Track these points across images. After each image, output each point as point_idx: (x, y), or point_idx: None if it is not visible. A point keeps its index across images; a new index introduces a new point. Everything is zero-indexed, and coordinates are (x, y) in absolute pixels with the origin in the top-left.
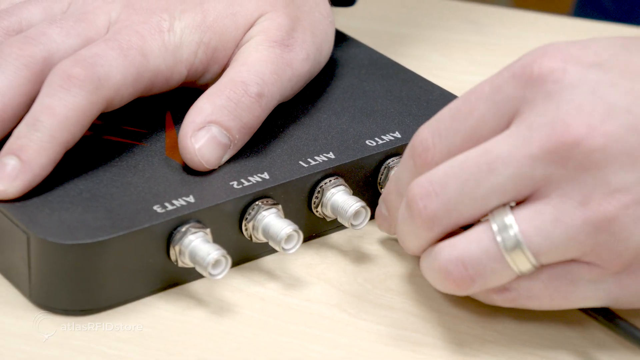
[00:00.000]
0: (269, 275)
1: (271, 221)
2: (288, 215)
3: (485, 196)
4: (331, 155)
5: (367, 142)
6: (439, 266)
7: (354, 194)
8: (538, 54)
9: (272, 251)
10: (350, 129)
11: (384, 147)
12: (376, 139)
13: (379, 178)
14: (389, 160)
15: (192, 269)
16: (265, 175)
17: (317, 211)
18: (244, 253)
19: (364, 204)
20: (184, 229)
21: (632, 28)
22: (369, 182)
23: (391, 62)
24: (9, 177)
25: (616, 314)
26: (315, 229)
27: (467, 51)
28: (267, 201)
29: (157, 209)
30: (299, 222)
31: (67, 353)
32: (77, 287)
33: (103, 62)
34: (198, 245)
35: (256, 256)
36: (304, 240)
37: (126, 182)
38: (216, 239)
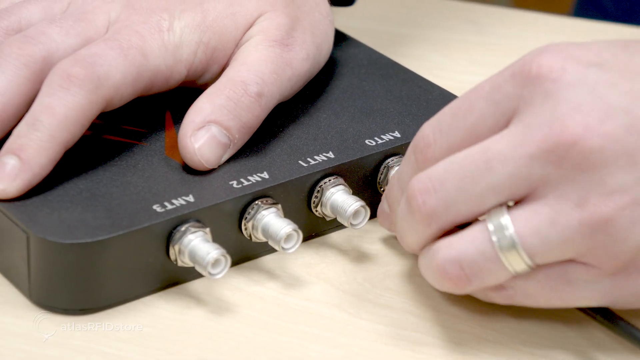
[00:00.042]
0: (268, 275)
1: (271, 220)
2: (287, 215)
3: (482, 194)
4: (331, 155)
5: (366, 141)
6: (436, 266)
7: (353, 193)
8: (537, 53)
9: (271, 250)
10: (350, 128)
11: (383, 146)
12: (376, 138)
13: (378, 178)
14: (389, 159)
15: (192, 268)
16: (265, 175)
17: (316, 211)
18: (243, 252)
19: (363, 203)
20: (183, 228)
21: (632, 28)
22: (369, 181)
23: (391, 62)
24: (9, 177)
25: (615, 313)
26: (314, 229)
27: (467, 51)
28: (266, 200)
29: (157, 208)
30: (298, 221)
31: (67, 353)
32: (77, 286)
33: (103, 62)
34: (197, 245)
35: (256, 255)
36: (304, 239)
37: (126, 182)
38: (216, 239)
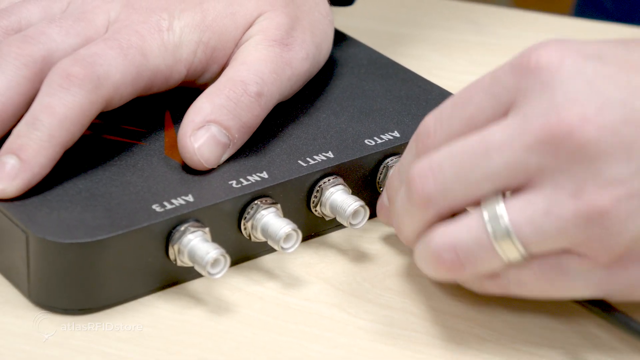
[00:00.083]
0: (268, 275)
1: (270, 220)
2: (287, 215)
3: (478, 181)
4: (330, 155)
5: (366, 141)
6: (431, 251)
7: (352, 193)
8: (537, 46)
9: (271, 250)
10: (349, 128)
11: (382, 146)
12: (375, 138)
13: (377, 177)
14: (388, 159)
15: (191, 268)
16: (264, 175)
17: (316, 210)
18: (242, 252)
19: (362, 203)
20: (182, 228)
21: (632, 28)
22: (368, 181)
23: (390, 62)
24: (9, 176)
25: (612, 305)
26: (314, 228)
27: (467, 51)
28: (266, 200)
29: (156, 208)
30: (297, 221)
31: (67, 353)
32: (76, 286)
33: (102, 62)
34: (197, 245)
35: (255, 255)
36: (303, 239)
37: (125, 181)
38: (215, 238)
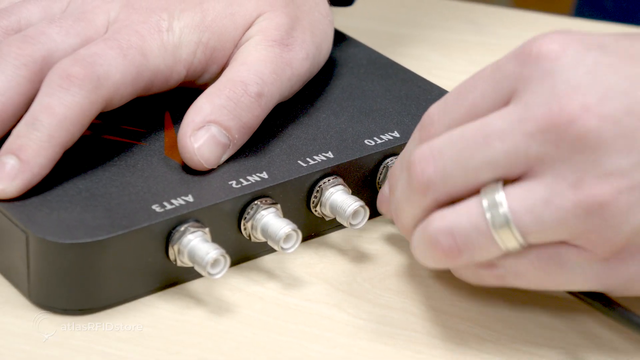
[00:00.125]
0: (268, 275)
1: (270, 220)
2: (287, 215)
3: (478, 168)
4: (330, 155)
5: (365, 141)
6: (429, 236)
7: (352, 193)
8: (541, 36)
9: (271, 250)
10: (349, 128)
11: (382, 146)
12: (375, 138)
13: (377, 177)
14: (388, 159)
15: (191, 268)
16: (264, 175)
17: (315, 210)
18: (242, 252)
19: (362, 203)
20: (182, 228)
21: (632, 28)
22: (368, 181)
23: (390, 62)
24: (8, 177)
25: (614, 300)
26: (314, 229)
27: (467, 51)
28: (265, 200)
29: (156, 208)
30: (297, 221)
31: (67, 353)
32: (76, 286)
33: (102, 62)
34: (197, 245)
35: (255, 255)
36: (303, 239)
37: (125, 182)
38: (215, 239)
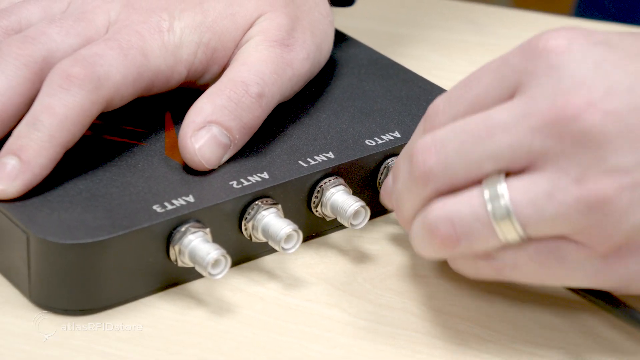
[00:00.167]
0: (268, 275)
1: (271, 221)
2: (287, 215)
3: (480, 160)
4: (331, 155)
5: (366, 141)
6: (428, 224)
7: (353, 193)
8: (548, 31)
9: (271, 251)
10: (350, 128)
11: (383, 146)
12: (375, 138)
13: (378, 178)
14: (389, 160)
15: (192, 268)
16: (265, 175)
17: (316, 211)
18: (243, 253)
19: (363, 203)
20: (183, 228)
21: (632, 28)
22: (369, 181)
23: (390, 62)
24: (9, 177)
25: (617, 298)
26: (314, 229)
27: (467, 51)
28: (266, 201)
29: (157, 208)
30: (298, 221)
31: (67, 353)
32: (77, 286)
33: (103, 62)
34: (198, 245)
35: (256, 256)
36: (304, 240)
37: (126, 182)
38: (216, 239)
